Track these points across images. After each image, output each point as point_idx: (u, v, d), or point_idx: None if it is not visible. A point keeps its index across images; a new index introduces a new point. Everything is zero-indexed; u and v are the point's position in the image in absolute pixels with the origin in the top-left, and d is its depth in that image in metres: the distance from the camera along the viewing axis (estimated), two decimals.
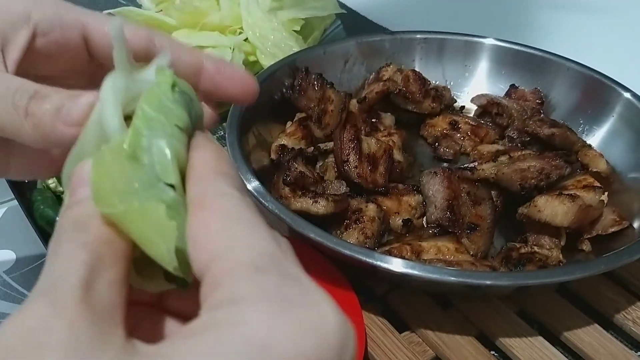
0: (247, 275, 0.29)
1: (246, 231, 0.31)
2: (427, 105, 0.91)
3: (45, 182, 0.80)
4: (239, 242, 0.30)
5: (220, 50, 0.97)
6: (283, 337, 0.26)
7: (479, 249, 0.68)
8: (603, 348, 0.61)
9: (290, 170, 0.74)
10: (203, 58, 0.47)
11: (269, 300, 0.28)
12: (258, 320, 0.27)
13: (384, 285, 0.67)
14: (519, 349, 0.61)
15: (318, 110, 0.83)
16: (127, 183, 0.32)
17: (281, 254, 0.31)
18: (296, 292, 0.29)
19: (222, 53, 0.96)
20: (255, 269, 0.29)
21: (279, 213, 0.63)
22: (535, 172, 0.73)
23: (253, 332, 0.26)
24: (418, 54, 0.99)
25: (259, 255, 0.30)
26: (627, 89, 0.85)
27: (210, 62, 0.47)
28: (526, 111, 0.90)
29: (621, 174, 0.81)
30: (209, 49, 0.97)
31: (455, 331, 0.63)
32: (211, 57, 0.48)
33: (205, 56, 0.47)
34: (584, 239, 0.71)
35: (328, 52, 0.94)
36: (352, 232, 0.68)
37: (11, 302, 0.68)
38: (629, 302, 0.67)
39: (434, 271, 0.58)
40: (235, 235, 0.30)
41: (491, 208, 0.73)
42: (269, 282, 0.29)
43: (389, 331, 0.63)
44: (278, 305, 0.28)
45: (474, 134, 0.89)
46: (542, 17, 1.34)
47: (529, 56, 0.95)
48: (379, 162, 0.77)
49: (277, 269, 0.29)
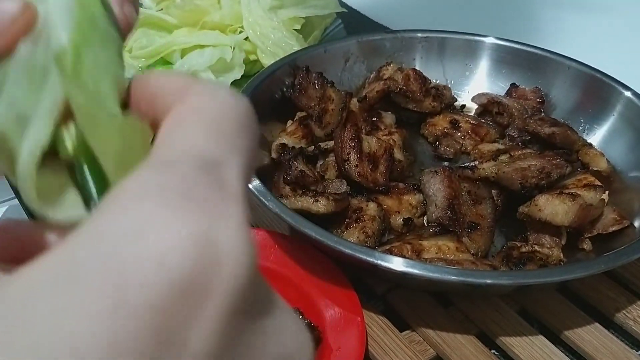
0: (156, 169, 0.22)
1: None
2: (428, 104, 0.91)
3: None
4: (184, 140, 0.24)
5: (221, 49, 0.97)
6: (147, 252, 0.20)
7: (479, 248, 0.68)
8: (604, 347, 0.61)
9: (291, 169, 0.74)
10: None
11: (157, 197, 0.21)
12: (125, 224, 0.20)
13: (384, 284, 0.67)
14: (520, 347, 0.61)
15: (318, 109, 0.83)
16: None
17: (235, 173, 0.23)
18: (208, 198, 0.21)
19: (223, 52, 0.96)
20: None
21: (279, 212, 0.63)
22: (535, 171, 0.73)
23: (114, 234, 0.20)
24: (419, 52, 0.99)
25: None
26: (627, 87, 0.85)
27: None
28: (527, 110, 0.90)
29: (622, 173, 0.81)
30: (210, 48, 0.97)
31: (455, 330, 0.63)
32: None
33: None
34: (585, 238, 0.71)
35: (329, 51, 0.94)
36: (352, 231, 0.68)
37: None
38: (630, 301, 0.67)
39: (434, 270, 0.58)
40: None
41: (492, 207, 0.73)
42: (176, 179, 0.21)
43: (390, 330, 0.63)
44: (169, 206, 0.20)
45: (474, 133, 0.89)
46: (542, 16, 1.34)
47: (529, 55, 0.95)
48: (379, 161, 0.77)
49: (205, 174, 0.22)
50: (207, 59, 0.96)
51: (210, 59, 0.95)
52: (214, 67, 0.96)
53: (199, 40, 0.98)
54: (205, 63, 0.95)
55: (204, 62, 0.95)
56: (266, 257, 0.67)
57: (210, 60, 0.95)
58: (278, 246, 0.68)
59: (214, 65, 0.96)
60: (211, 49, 0.97)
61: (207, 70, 0.95)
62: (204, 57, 0.96)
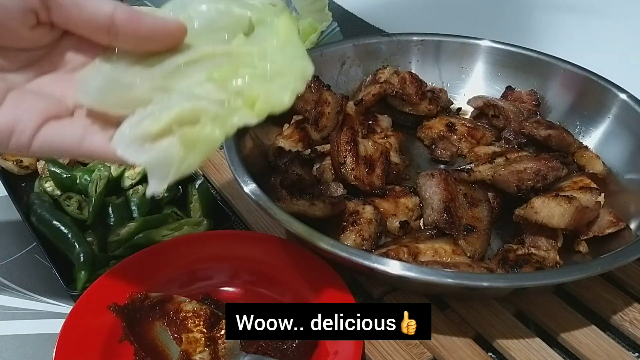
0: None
1: None
2: (424, 107, 0.91)
3: (42, 186, 0.80)
4: None
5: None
6: None
7: (475, 250, 0.68)
8: (600, 349, 0.61)
9: (288, 173, 0.74)
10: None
11: None
12: None
13: (381, 287, 0.67)
14: (516, 350, 0.61)
15: (315, 112, 0.83)
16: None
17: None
18: None
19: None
20: None
21: (276, 215, 0.63)
22: (531, 174, 0.73)
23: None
24: (415, 56, 0.99)
25: None
26: (622, 90, 0.85)
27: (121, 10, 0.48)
28: (522, 113, 0.90)
29: (617, 175, 0.81)
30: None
31: (452, 333, 0.63)
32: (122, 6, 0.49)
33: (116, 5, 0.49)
34: (581, 240, 0.71)
35: (325, 55, 0.95)
36: (349, 234, 0.68)
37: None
38: (626, 303, 0.67)
39: (431, 273, 0.58)
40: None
41: (488, 210, 0.73)
42: None
43: None
44: None
45: (470, 136, 0.89)
46: (538, 19, 1.35)
47: (525, 58, 0.95)
48: (375, 164, 0.77)
49: None
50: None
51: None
52: None
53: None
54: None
55: None
56: (263, 261, 0.67)
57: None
58: (274, 250, 0.68)
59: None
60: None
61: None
62: None
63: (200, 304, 0.61)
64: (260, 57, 0.48)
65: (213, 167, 0.86)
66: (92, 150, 0.49)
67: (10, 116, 0.48)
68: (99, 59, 0.51)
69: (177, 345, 0.57)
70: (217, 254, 0.67)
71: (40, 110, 0.49)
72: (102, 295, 0.61)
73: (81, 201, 0.77)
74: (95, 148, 0.49)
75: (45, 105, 0.49)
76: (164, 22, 0.49)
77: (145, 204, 0.77)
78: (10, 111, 0.48)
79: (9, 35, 0.48)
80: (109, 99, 0.48)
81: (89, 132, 0.49)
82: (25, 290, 0.70)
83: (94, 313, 0.60)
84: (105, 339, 0.58)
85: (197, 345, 0.58)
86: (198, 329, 0.59)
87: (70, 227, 0.71)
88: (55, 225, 0.71)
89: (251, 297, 0.65)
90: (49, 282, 0.70)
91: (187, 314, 0.60)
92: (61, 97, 0.51)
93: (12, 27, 0.47)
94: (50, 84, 0.51)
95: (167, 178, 0.45)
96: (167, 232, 0.73)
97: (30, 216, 0.74)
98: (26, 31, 0.48)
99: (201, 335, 0.58)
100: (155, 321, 0.59)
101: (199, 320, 0.59)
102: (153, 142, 0.45)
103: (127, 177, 0.81)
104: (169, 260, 0.67)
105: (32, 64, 0.51)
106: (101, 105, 0.48)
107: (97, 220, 0.75)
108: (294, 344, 0.58)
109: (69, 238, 0.70)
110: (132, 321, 0.59)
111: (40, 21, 0.48)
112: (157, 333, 0.59)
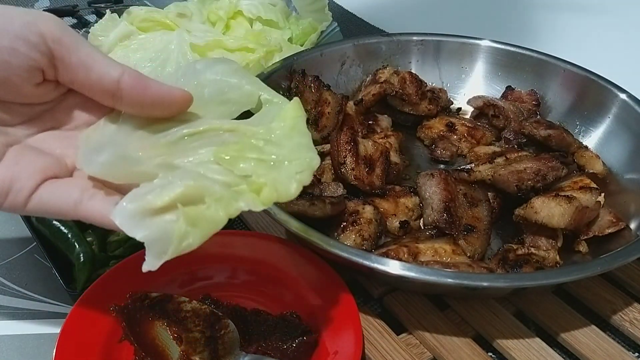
0: None
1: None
2: (424, 107, 0.91)
3: None
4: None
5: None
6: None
7: (475, 250, 0.68)
8: (600, 349, 0.61)
9: None
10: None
11: None
12: None
13: (381, 287, 0.67)
14: (516, 350, 0.61)
15: (315, 112, 0.83)
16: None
17: None
18: None
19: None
20: None
21: (276, 215, 0.63)
22: (531, 174, 0.73)
23: None
24: (415, 55, 0.99)
25: None
26: (622, 90, 0.85)
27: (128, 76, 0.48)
28: (522, 113, 0.90)
29: (617, 175, 0.81)
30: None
31: (452, 333, 0.63)
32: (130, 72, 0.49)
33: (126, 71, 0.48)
34: (581, 240, 0.71)
35: (325, 54, 0.95)
36: (349, 234, 0.68)
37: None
38: (626, 303, 0.67)
39: (431, 273, 0.58)
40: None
41: (488, 210, 0.73)
42: None
43: (387, 333, 0.63)
44: None
45: (470, 136, 0.89)
46: (538, 19, 1.35)
47: (525, 58, 0.95)
48: (375, 164, 0.77)
49: None
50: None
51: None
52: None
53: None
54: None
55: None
56: (263, 261, 0.67)
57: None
58: (274, 250, 0.68)
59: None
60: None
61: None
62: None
63: (200, 304, 0.61)
64: (266, 140, 0.48)
65: None
66: (87, 216, 0.48)
67: (9, 174, 0.47)
68: (103, 119, 0.50)
69: (177, 345, 0.57)
70: (217, 254, 0.67)
71: (39, 168, 0.48)
72: (102, 295, 0.61)
73: None
74: (90, 213, 0.48)
75: (45, 163, 0.49)
76: (169, 90, 0.48)
77: None
78: (9, 168, 0.47)
79: (12, 90, 0.47)
80: (114, 172, 0.48)
81: (86, 195, 0.48)
82: (25, 290, 0.70)
83: (94, 313, 0.60)
84: (105, 339, 0.58)
85: (197, 345, 0.57)
86: (198, 329, 0.58)
87: (70, 227, 0.71)
88: (55, 225, 0.71)
89: (251, 297, 0.65)
90: (49, 282, 0.70)
91: (187, 314, 0.59)
92: (61, 155, 0.50)
93: (17, 83, 0.47)
94: (52, 141, 0.50)
95: (165, 254, 0.44)
96: None
97: (30, 216, 0.74)
98: (30, 88, 0.48)
99: (201, 335, 0.58)
100: (155, 321, 0.59)
101: (199, 320, 0.59)
102: (154, 216, 0.44)
103: None
104: (169, 260, 0.67)
105: (35, 119, 0.50)
106: (105, 177, 0.48)
107: None
108: (294, 344, 0.58)
109: (69, 238, 0.70)
110: (132, 321, 0.59)
111: (47, 79, 0.48)
112: (157, 333, 0.59)
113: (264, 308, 0.63)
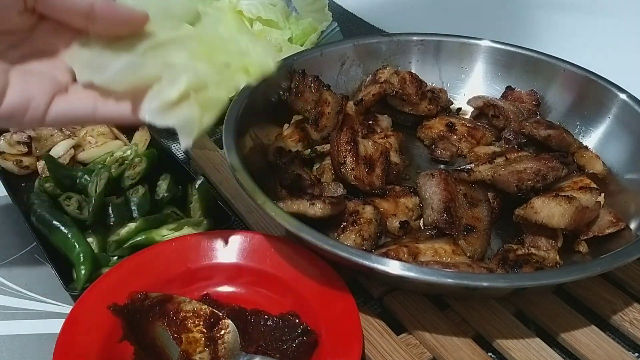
0: None
1: None
2: (424, 107, 0.91)
3: (42, 186, 0.80)
4: None
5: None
6: None
7: (475, 250, 0.68)
8: (600, 349, 0.61)
9: (287, 173, 0.74)
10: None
11: None
12: None
13: (381, 287, 0.67)
14: (516, 350, 0.61)
15: (315, 112, 0.83)
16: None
17: None
18: None
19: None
20: None
21: (276, 215, 0.62)
22: (531, 174, 0.73)
23: None
24: (415, 55, 0.99)
25: None
26: (622, 90, 0.85)
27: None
28: (522, 113, 0.90)
29: (617, 175, 0.81)
30: None
31: (452, 333, 0.63)
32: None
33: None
34: (581, 241, 0.71)
35: (325, 54, 0.95)
36: (349, 234, 0.68)
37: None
38: (626, 303, 0.67)
39: (431, 273, 0.58)
40: None
41: (488, 210, 0.73)
42: None
43: (386, 333, 0.63)
44: None
45: (470, 136, 0.89)
46: (538, 19, 1.35)
47: (525, 58, 0.95)
48: (375, 164, 0.77)
49: None
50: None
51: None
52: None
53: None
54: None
55: None
56: (263, 261, 0.67)
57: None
58: (274, 250, 0.68)
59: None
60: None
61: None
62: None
63: (200, 304, 0.61)
64: (222, 38, 0.58)
65: (213, 167, 0.86)
66: (107, 117, 0.56)
67: (25, 93, 0.52)
68: (77, 44, 0.56)
69: (177, 345, 0.57)
70: (217, 254, 0.67)
71: (47, 86, 0.54)
72: (102, 295, 0.61)
73: (81, 201, 0.77)
74: (109, 115, 0.55)
75: (49, 81, 0.54)
76: (132, 10, 0.55)
77: (145, 203, 0.77)
78: (22, 89, 0.52)
79: (1, 17, 0.52)
80: (127, 78, 0.55)
81: (100, 102, 0.55)
82: (25, 290, 0.70)
83: (94, 313, 0.60)
84: (105, 339, 0.58)
85: (197, 345, 0.57)
86: (198, 329, 0.58)
87: (70, 227, 0.71)
88: (55, 225, 0.71)
89: (251, 297, 0.65)
90: (49, 282, 0.70)
91: (187, 314, 0.59)
92: (52, 75, 0.55)
93: (3, 11, 0.51)
94: (38, 64, 0.55)
95: (192, 134, 0.55)
96: (167, 232, 0.73)
97: (30, 216, 0.74)
98: (15, 15, 0.52)
99: (201, 335, 0.58)
100: (155, 321, 0.59)
101: (198, 320, 0.59)
102: (174, 108, 0.54)
103: (127, 177, 0.81)
104: (169, 260, 0.67)
105: (17, 46, 0.54)
106: (115, 84, 0.55)
107: (97, 220, 0.74)
108: (293, 344, 0.58)
109: (69, 238, 0.70)
110: (132, 321, 0.59)
111: (27, 6, 0.52)
112: (157, 333, 0.58)
113: (264, 308, 0.63)
